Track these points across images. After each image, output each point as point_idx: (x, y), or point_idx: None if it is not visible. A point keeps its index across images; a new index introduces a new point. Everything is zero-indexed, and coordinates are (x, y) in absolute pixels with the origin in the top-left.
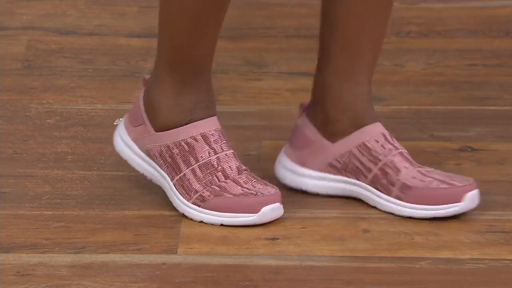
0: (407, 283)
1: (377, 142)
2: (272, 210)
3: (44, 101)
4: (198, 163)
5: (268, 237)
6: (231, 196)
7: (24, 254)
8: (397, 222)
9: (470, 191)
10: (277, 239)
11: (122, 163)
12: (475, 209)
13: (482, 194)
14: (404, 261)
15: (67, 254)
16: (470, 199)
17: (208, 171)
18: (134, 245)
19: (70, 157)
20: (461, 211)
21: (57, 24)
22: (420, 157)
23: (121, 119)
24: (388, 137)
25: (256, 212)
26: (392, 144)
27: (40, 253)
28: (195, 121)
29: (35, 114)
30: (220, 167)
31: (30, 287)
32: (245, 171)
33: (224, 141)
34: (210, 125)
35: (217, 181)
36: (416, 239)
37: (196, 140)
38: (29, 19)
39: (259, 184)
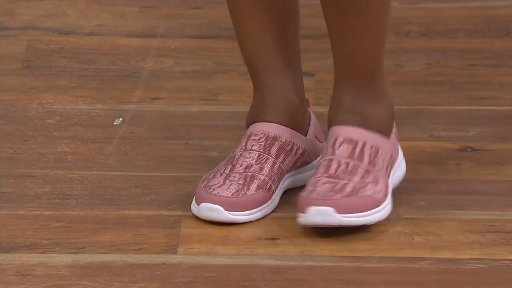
0: (407, 283)
1: (327, 142)
2: (203, 208)
3: (44, 101)
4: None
5: (268, 237)
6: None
7: (24, 254)
8: (397, 222)
9: (314, 205)
10: (277, 239)
11: (122, 163)
12: (475, 208)
13: (481, 194)
14: (404, 261)
15: (67, 254)
16: (313, 212)
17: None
18: (134, 245)
19: (70, 157)
20: (305, 222)
21: (57, 24)
22: (420, 157)
23: (121, 119)
24: (337, 141)
25: (197, 204)
26: (332, 148)
27: (40, 253)
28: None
29: (35, 114)
30: (231, 160)
31: (30, 287)
32: (249, 171)
33: (262, 144)
34: (262, 128)
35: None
36: (416, 239)
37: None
38: (29, 19)
39: (228, 184)
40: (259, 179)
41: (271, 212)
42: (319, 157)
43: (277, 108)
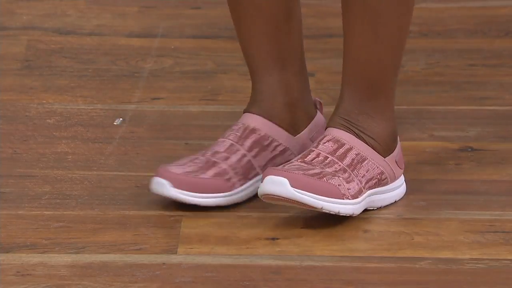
0: (407, 283)
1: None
2: (153, 182)
3: (44, 101)
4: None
5: (268, 237)
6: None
7: (24, 254)
8: (397, 222)
9: (271, 175)
10: (277, 239)
11: (122, 163)
12: (475, 208)
13: (481, 194)
14: (404, 261)
15: (67, 254)
16: (267, 181)
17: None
18: (134, 245)
19: (70, 157)
20: (260, 192)
21: (57, 24)
22: (420, 157)
23: (121, 119)
24: (324, 139)
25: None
26: (317, 143)
27: (40, 253)
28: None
29: (35, 114)
30: (209, 147)
31: (30, 287)
32: (214, 157)
33: (238, 134)
34: (244, 119)
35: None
36: (416, 239)
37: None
38: (29, 19)
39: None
40: (220, 167)
41: (273, 212)
42: None
43: (263, 103)
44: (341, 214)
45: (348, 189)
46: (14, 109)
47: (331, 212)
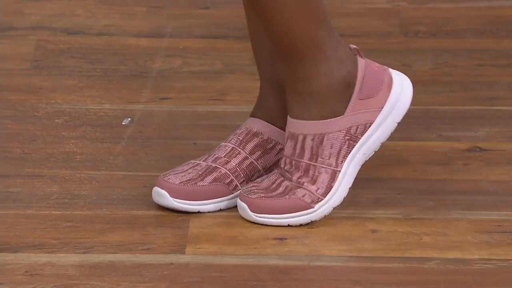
0: (415, 283)
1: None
2: (154, 192)
3: (53, 101)
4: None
5: (276, 237)
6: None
7: (33, 253)
8: (405, 222)
9: (239, 199)
10: (285, 239)
11: (131, 163)
12: (484, 209)
13: (490, 194)
14: (412, 261)
15: (75, 254)
16: (238, 205)
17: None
18: (142, 245)
19: (79, 157)
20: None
21: (65, 24)
22: (428, 157)
23: (129, 118)
24: (287, 138)
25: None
26: (285, 144)
27: (49, 253)
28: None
29: (43, 114)
30: (212, 151)
31: (38, 286)
32: (215, 163)
33: (240, 138)
34: (247, 123)
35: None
36: (424, 239)
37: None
38: (37, 19)
39: (184, 172)
40: (220, 172)
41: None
42: None
43: (267, 105)
44: (317, 220)
45: (316, 191)
46: (22, 109)
47: (303, 224)
